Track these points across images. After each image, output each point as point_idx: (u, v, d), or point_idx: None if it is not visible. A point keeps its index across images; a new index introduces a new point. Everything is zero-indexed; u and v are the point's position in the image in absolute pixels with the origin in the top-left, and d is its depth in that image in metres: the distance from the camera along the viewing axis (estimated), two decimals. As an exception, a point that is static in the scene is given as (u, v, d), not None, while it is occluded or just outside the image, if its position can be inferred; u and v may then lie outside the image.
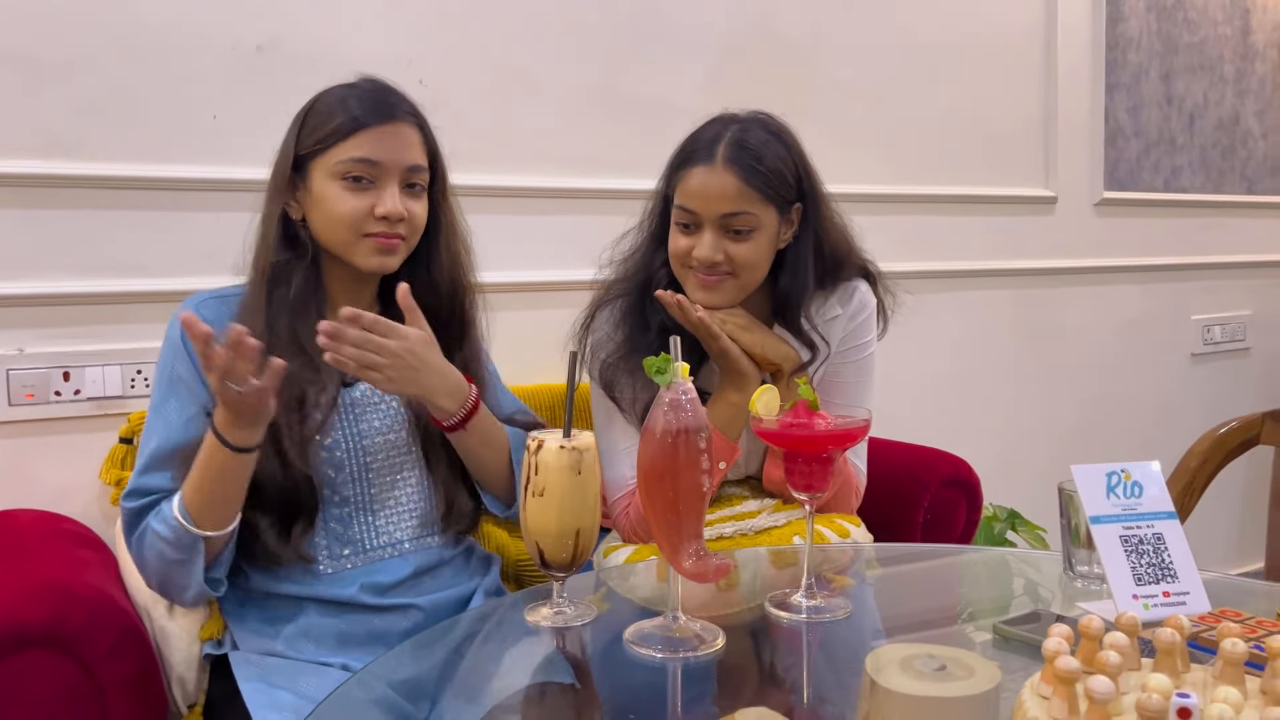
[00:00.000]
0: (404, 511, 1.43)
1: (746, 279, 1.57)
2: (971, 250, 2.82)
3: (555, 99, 2.20)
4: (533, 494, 1.14)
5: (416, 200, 1.41)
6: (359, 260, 1.38)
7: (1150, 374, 3.23)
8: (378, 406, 1.44)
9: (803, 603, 1.21)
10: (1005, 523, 2.42)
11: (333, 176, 1.36)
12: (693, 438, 1.06)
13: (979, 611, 1.34)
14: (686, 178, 1.55)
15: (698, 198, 1.53)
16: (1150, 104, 3.14)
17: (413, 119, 1.41)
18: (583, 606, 1.20)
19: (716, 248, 1.53)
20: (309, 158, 1.38)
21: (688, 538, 1.07)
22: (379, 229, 1.37)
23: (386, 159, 1.36)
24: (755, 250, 1.55)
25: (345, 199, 1.36)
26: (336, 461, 1.38)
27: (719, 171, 1.52)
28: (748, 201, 1.52)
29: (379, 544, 1.41)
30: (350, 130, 1.35)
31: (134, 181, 1.79)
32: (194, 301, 1.39)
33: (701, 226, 1.54)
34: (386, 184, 1.37)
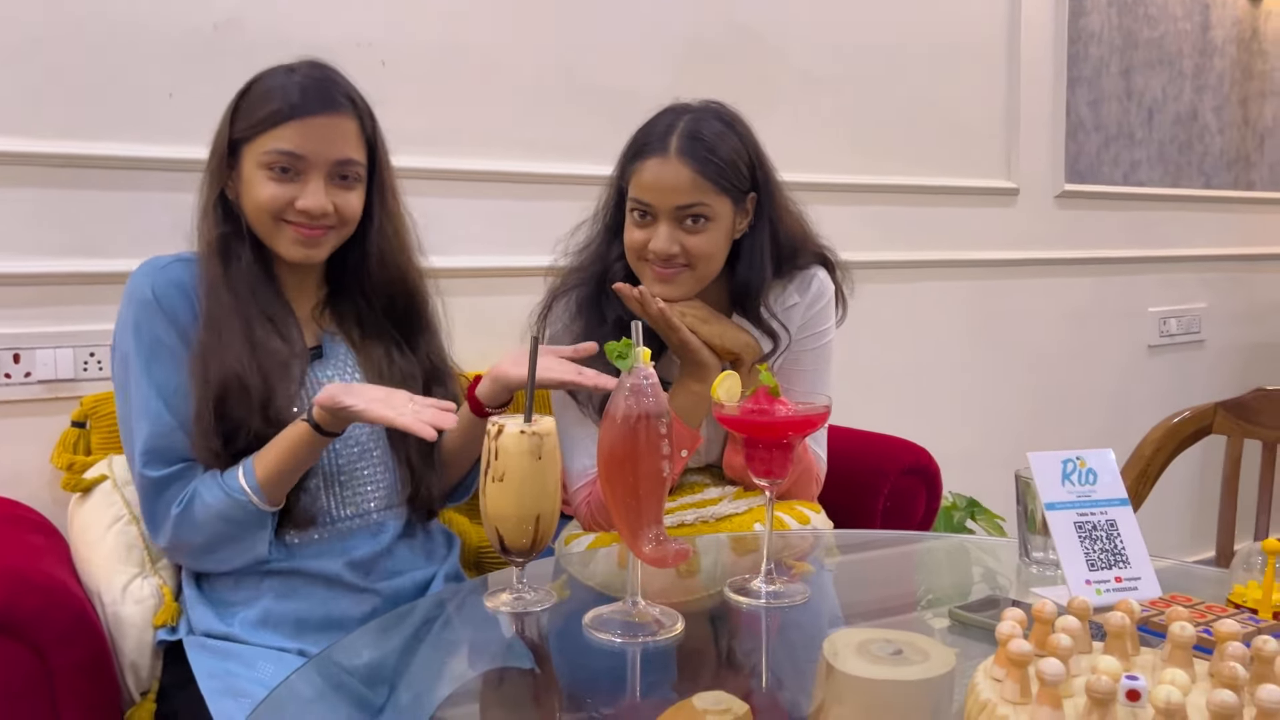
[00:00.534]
0: (369, 481, 1.42)
1: (703, 270, 1.56)
2: (934, 240, 2.84)
3: (516, 83, 2.19)
4: (493, 479, 1.13)
5: (348, 191, 1.39)
6: (281, 249, 1.38)
7: (1107, 365, 3.27)
8: (343, 379, 1.43)
9: (762, 588, 1.21)
10: (965, 511, 2.44)
11: (259, 164, 1.35)
12: (653, 423, 1.06)
13: (937, 598, 1.35)
14: (640, 170, 1.54)
15: (652, 190, 1.53)
16: (1110, 98, 3.18)
17: (350, 109, 1.39)
18: (542, 592, 1.20)
19: (672, 240, 1.52)
20: (241, 142, 1.37)
21: (647, 523, 1.07)
22: (300, 220, 1.36)
23: (313, 152, 1.35)
24: (711, 241, 1.54)
25: (267, 187, 1.35)
26: None
27: (673, 164, 1.52)
28: (702, 193, 1.52)
29: (347, 515, 1.40)
30: (281, 119, 1.34)
31: (89, 160, 1.75)
32: (158, 263, 1.37)
33: (656, 219, 1.53)
34: (312, 177, 1.35)
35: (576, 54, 2.26)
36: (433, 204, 1.72)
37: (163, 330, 1.33)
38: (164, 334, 1.33)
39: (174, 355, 1.33)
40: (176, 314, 1.34)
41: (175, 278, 1.36)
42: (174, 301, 1.34)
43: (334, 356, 1.44)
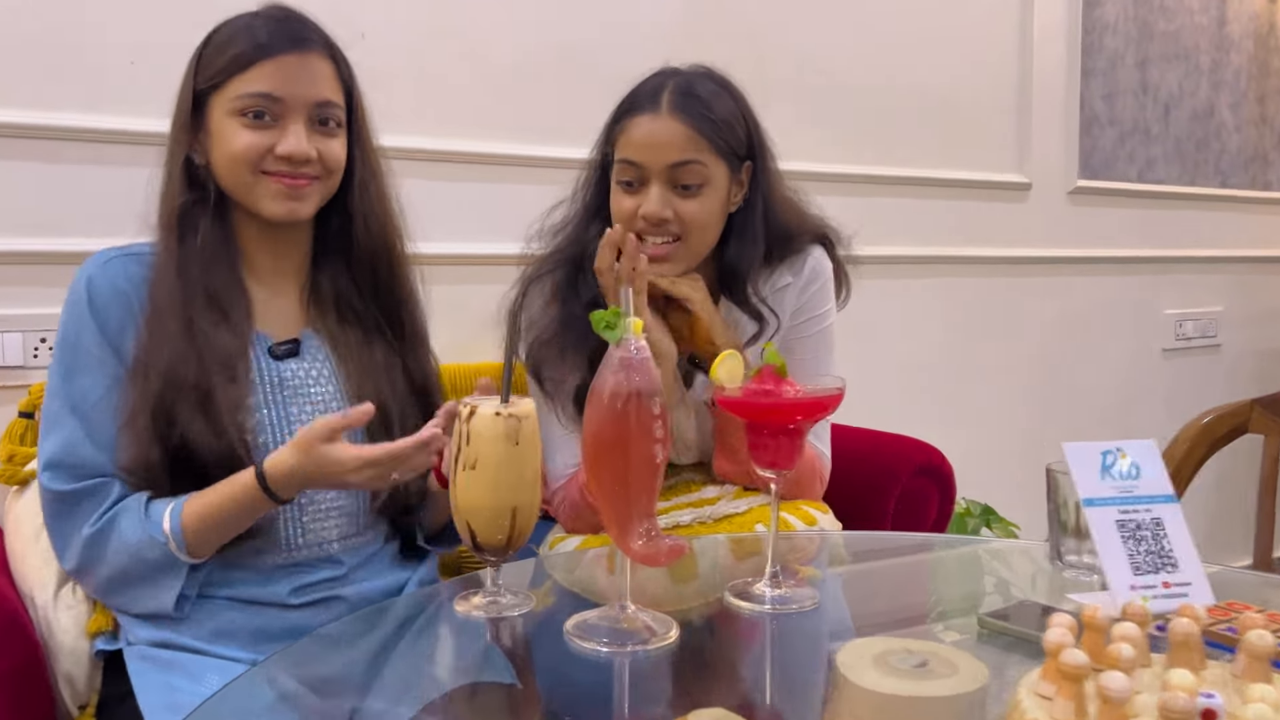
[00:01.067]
0: (332, 509, 1.28)
1: (696, 242, 1.43)
2: (943, 236, 2.72)
3: (504, 61, 2.08)
4: (464, 466, 1.01)
5: (330, 138, 1.26)
6: (263, 206, 1.24)
7: (1121, 368, 3.15)
8: (310, 389, 1.29)
9: (766, 592, 1.09)
10: (979, 519, 2.32)
11: (231, 113, 1.22)
12: (645, 402, 0.94)
13: (957, 606, 1.22)
14: (629, 128, 1.42)
15: (643, 147, 1.40)
16: (1125, 92, 3.06)
17: (324, 49, 1.27)
18: (520, 595, 1.07)
19: (665, 203, 1.40)
20: (208, 93, 1.23)
21: (638, 516, 0.95)
22: (281, 169, 1.22)
23: (290, 93, 1.22)
24: (706, 208, 1.42)
25: (242, 136, 1.21)
26: (259, 448, 1.23)
27: (665, 118, 1.40)
28: (697, 150, 1.40)
29: (304, 543, 1.26)
30: (250, 60, 1.21)
31: (40, 131, 1.64)
32: (102, 259, 1.24)
33: (647, 181, 1.41)
34: (290, 121, 1.22)
35: (567, 33, 2.15)
36: (413, 186, 1.60)
37: (89, 337, 1.20)
38: (90, 341, 1.20)
39: (99, 365, 1.20)
40: (108, 320, 1.20)
41: (115, 277, 1.22)
42: (107, 305, 1.21)
43: (308, 352, 1.31)
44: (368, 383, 1.29)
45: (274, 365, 1.27)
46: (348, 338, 1.31)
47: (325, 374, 1.30)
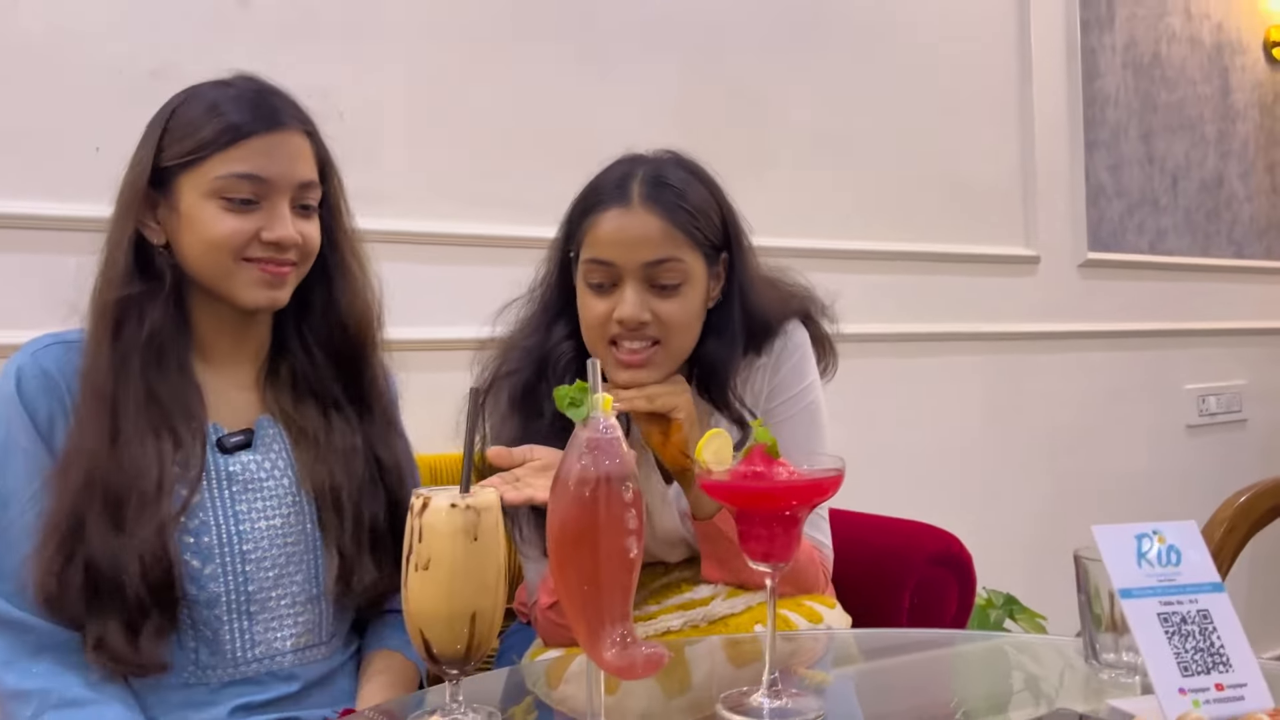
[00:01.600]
0: (286, 616, 1.17)
1: (677, 346, 1.32)
2: (949, 312, 2.63)
3: (489, 140, 2.02)
4: (415, 567, 0.89)
5: (309, 221, 1.19)
6: (240, 294, 1.15)
7: (1144, 447, 3.03)
8: (264, 484, 1.18)
9: (764, 704, 0.96)
10: (1002, 610, 2.17)
11: (208, 195, 1.13)
12: (616, 488, 0.83)
13: (982, 708, 1.09)
14: (596, 225, 1.30)
15: (614, 245, 1.28)
16: (1131, 163, 3.00)
17: (300, 126, 1.19)
18: (484, 713, 0.94)
19: (642, 304, 1.27)
20: (176, 171, 1.14)
21: (611, 620, 0.83)
22: (264, 254, 1.14)
23: (276, 175, 1.14)
24: (686, 308, 1.30)
25: (224, 221, 1.13)
26: (204, 550, 1.13)
27: (637, 212, 1.28)
28: (674, 246, 1.29)
29: (254, 655, 1.15)
30: (230, 140, 1.13)
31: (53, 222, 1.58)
32: (32, 347, 1.15)
33: (620, 282, 1.29)
34: (276, 204, 1.15)
35: (556, 110, 2.09)
36: (392, 269, 1.53)
37: (19, 429, 1.11)
38: (20, 433, 1.11)
39: (28, 459, 1.10)
40: (37, 410, 1.11)
41: (46, 365, 1.13)
42: (35, 395, 1.12)
43: (262, 442, 1.20)
44: (321, 466, 1.19)
45: (222, 460, 1.16)
46: (304, 417, 1.22)
47: (280, 465, 1.20)
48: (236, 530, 1.14)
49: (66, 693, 1.05)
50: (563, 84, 2.10)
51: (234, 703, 1.12)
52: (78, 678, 1.06)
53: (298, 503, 1.18)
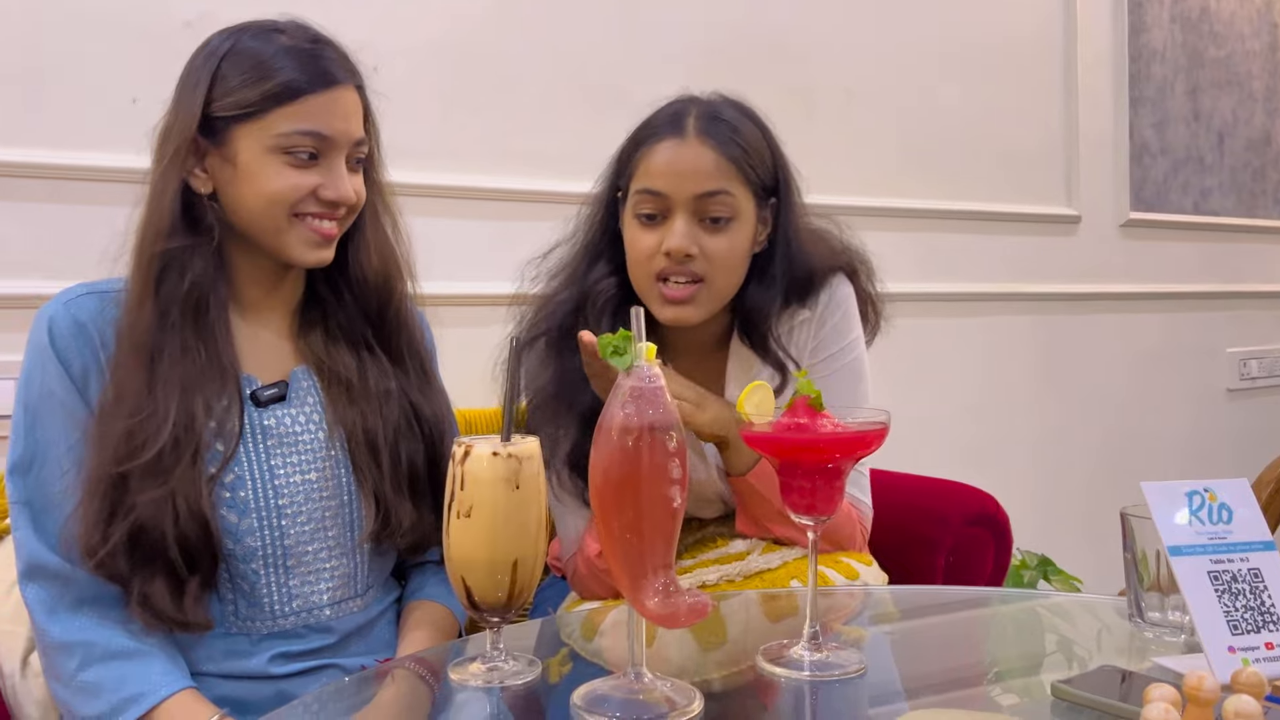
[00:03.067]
0: (323, 570, 1.17)
1: (721, 285, 1.31)
2: (989, 271, 2.59)
3: (523, 92, 2.00)
4: (457, 514, 0.89)
5: (357, 174, 1.18)
6: (291, 250, 1.14)
7: (1183, 410, 2.98)
8: (299, 438, 1.18)
9: (804, 656, 0.95)
10: (1036, 571, 2.15)
11: (272, 150, 1.11)
12: (659, 438, 0.82)
13: (1018, 667, 1.08)
14: (650, 156, 1.30)
15: (666, 175, 1.28)
16: (1176, 120, 2.93)
17: (354, 80, 1.18)
18: (524, 662, 0.94)
19: (690, 237, 1.27)
20: (231, 121, 1.12)
21: (653, 569, 0.82)
22: (319, 210, 1.13)
23: (337, 133, 1.13)
24: (733, 245, 1.29)
25: (286, 175, 1.11)
26: (240, 504, 1.12)
27: (692, 143, 1.28)
28: (726, 179, 1.28)
29: (291, 609, 1.15)
30: (291, 96, 1.11)
31: (37, 169, 1.57)
32: (64, 296, 1.13)
33: (670, 213, 1.28)
34: (334, 161, 1.14)
35: (589, 62, 2.07)
36: (428, 224, 1.51)
37: (54, 379, 1.10)
38: (55, 383, 1.10)
39: (65, 410, 1.09)
40: (71, 361, 1.10)
41: (79, 315, 1.11)
42: (69, 344, 1.10)
43: (296, 395, 1.20)
44: (354, 409, 1.18)
45: (257, 413, 1.16)
46: (337, 361, 1.21)
47: (315, 419, 1.19)
48: (272, 485, 1.14)
49: (110, 644, 1.06)
50: (597, 36, 2.08)
51: (273, 651, 1.13)
52: (120, 629, 1.07)
53: (332, 456, 1.18)
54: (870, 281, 1.45)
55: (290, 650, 1.14)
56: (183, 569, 1.06)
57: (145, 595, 1.05)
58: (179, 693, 1.05)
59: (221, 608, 1.12)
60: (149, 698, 1.04)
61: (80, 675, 1.04)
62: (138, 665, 1.06)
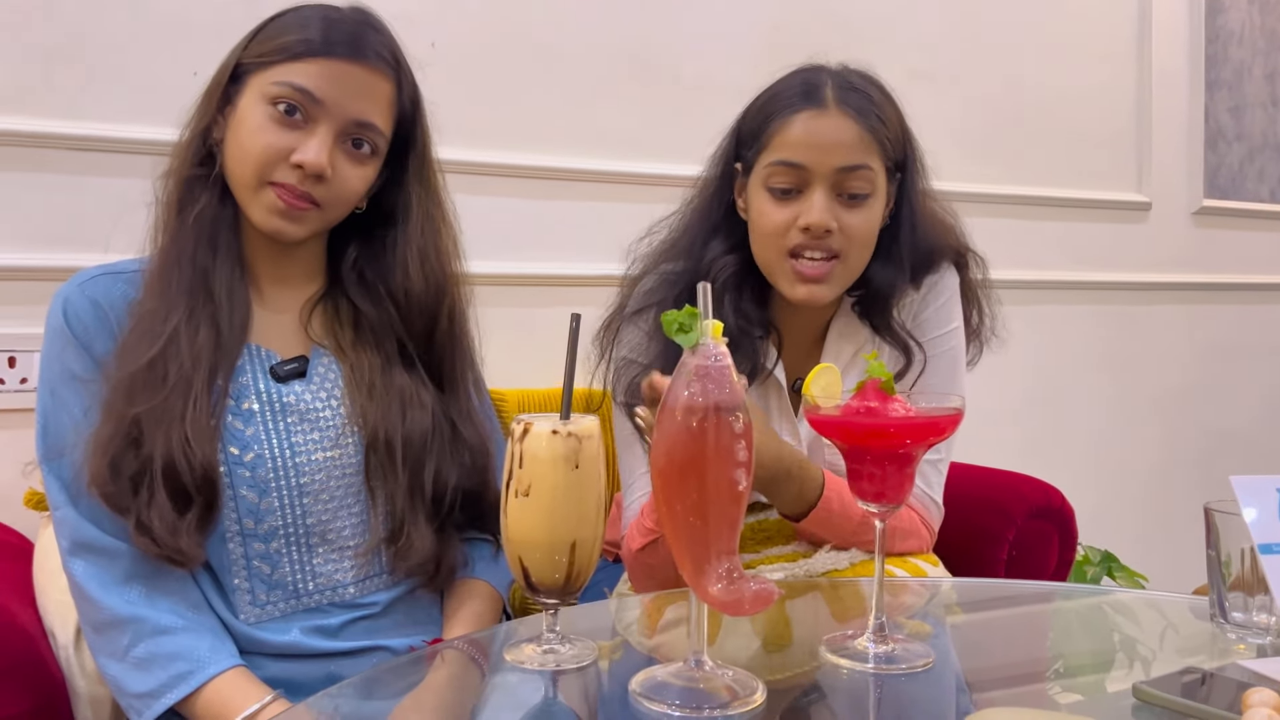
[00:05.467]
0: (346, 549, 1.15)
1: (855, 262, 1.27)
2: (1054, 259, 2.52)
3: (580, 71, 1.97)
4: (515, 493, 0.87)
5: (355, 163, 1.13)
6: (254, 213, 1.12)
7: (1255, 406, 2.89)
8: (319, 414, 1.15)
9: (870, 649, 0.92)
10: (1100, 567, 2.10)
11: (262, 98, 1.10)
12: (725, 419, 0.79)
13: (1099, 667, 1.04)
14: (786, 127, 1.24)
15: (807, 147, 1.23)
16: (1254, 105, 2.83)
17: (389, 68, 1.14)
18: (581, 645, 0.92)
19: (830, 211, 1.22)
20: (250, 69, 1.12)
21: (717, 554, 0.79)
22: (288, 179, 1.09)
23: (331, 99, 1.09)
24: (870, 221, 1.25)
25: (266, 130, 1.09)
26: (260, 483, 1.10)
27: (833, 115, 1.23)
28: (867, 153, 1.23)
29: (315, 587, 1.13)
30: (303, 52, 1.09)
31: (102, 143, 1.58)
32: (78, 279, 1.13)
33: (807, 187, 1.23)
34: (319, 129, 1.10)
35: (649, 41, 2.04)
36: (480, 202, 1.50)
37: (74, 359, 1.09)
38: (75, 363, 1.09)
39: (89, 391, 1.08)
40: (90, 339, 1.09)
41: (94, 296, 1.10)
42: (87, 324, 1.09)
43: (316, 373, 1.17)
44: (375, 407, 1.15)
45: (276, 388, 1.14)
46: (360, 356, 1.18)
47: (336, 398, 1.17)
48: (293, 462, 1.12)
49: (160, 620, 1.05)
50: (648, 14, 2.04)
51: (303, 624, 1.12)
52: (169, 605, 1.06)
53: (349, 440, 1.15)
54: (981, 272, 1.41)
55: (324, 625, 1.13)
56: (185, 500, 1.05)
57: (144, 522, 1.04)
58: (229, 670, 1.04)
59: (235, 597, 1.10)
60: (199, 674, 1.03)
61: (132, 651, 1.04)
62: (188, 640, 1.05)
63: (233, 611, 1.10)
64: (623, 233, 1.47)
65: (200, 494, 1.05)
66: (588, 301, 1.52)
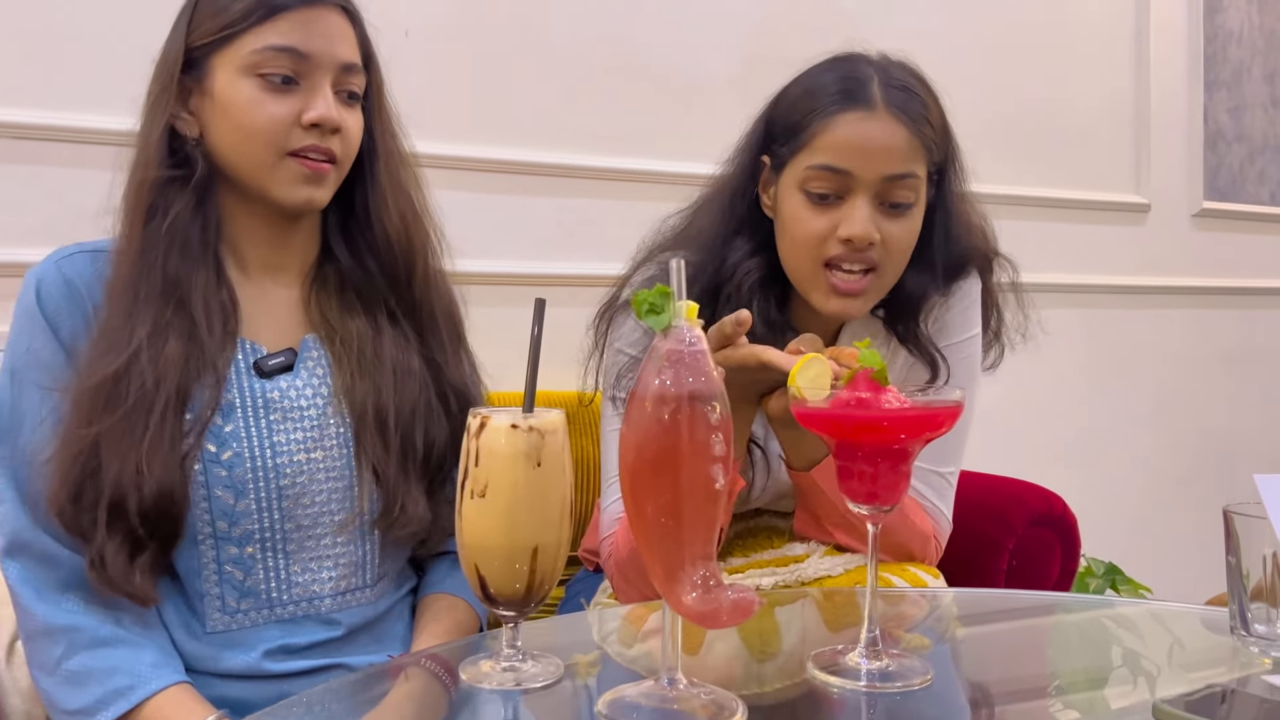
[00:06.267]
0: (326, 557, 1.07)
1: (892, 275, 1.18)
2: (1053, 261, 2.47)
3: (562, 64, 1.91)
4: (471, 494, 0.79)
5: (351, 112, 1.08)
6: (279, 190, 1.04)
7: (1257, 412, 2.83)
8: (304, 411, 1.08)
9: (862, 665, 0.84)
10: (1103, 579, 2.02)
11: (244, 72, 1.02)
12: (699, 409, 0.71)
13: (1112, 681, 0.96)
14: (831, 127, 1.14)
15: (853, 152, 1.13)
16: (1254, 106, 2.78)
17: (339, 6, 1.08)
18: (545, 663, 0.84)
19: (873, 223, 1.13)
20: (208, 50, 1.04)
21: (691, 560, 0.72)
22: (307, 142, 1.03)
23: (316, 51, 1.03)
24: (911, 232, 1.17)
25: (264, 103, 1.02)
26: (237, 483, 1.03)
27: (882, 118, 1.14)
28: (915, 161, 1.15)
29: (290, 597, 1.06)
30: (265, 14, 1.02)
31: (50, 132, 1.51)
32: (56, 255, 1.06)
33: (848, 194, 1.14)
34: (317, 84, 1.04)
35: (633, 34, 1.98)
36: (459, 198, 1.43)
37: (41, 343, 1.02)
38: (43, 348, 1.02)
39: (51, 375, 1.01)
40: (60, 323, 1.02)
41: (69, 274, 1.03)
42: (60, 306, 1.02)
43: (305, 365, 1.10)
44: (364, 382, 1.08)
45: (259, 384, 1.06)
46: (348, 329, 1.11)
47: (325, 391, 1.09)
48: (274, 463, 1.04)
49: (98, 631, 0.98)
50: (643, 7, 1.98)
51: (269, 645, 1.04)
52: (108, 616, 0.99)
53: (340, 433, 1.08)
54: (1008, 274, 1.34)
55: (290, 644, 1.05)
56: (142, 537, 0.97)
57: (100, 558, 0.97)
58: (171, 687, 0.96)
59: (204, 604, 1.03)
60: (138, 690, 0.95)
61: (65, 663, 0.96)
62: (127, 654, 0.97)
63: (199, 619, 1.03)
64: (604, 230, 1.40)
65: (153, 533, 0.97)
66: (569, 301, 1.45)
